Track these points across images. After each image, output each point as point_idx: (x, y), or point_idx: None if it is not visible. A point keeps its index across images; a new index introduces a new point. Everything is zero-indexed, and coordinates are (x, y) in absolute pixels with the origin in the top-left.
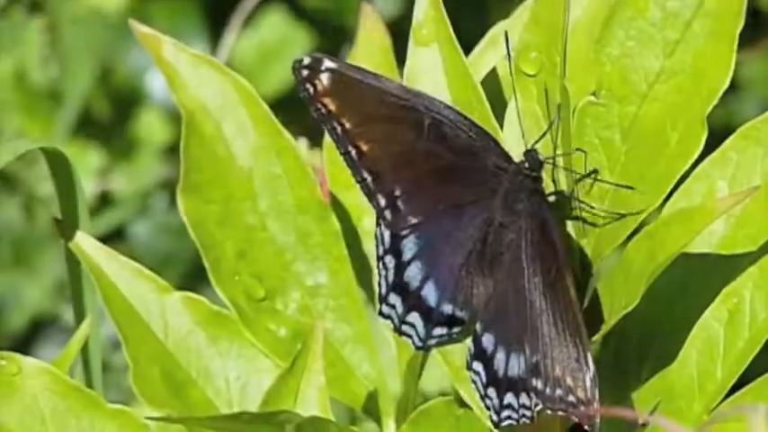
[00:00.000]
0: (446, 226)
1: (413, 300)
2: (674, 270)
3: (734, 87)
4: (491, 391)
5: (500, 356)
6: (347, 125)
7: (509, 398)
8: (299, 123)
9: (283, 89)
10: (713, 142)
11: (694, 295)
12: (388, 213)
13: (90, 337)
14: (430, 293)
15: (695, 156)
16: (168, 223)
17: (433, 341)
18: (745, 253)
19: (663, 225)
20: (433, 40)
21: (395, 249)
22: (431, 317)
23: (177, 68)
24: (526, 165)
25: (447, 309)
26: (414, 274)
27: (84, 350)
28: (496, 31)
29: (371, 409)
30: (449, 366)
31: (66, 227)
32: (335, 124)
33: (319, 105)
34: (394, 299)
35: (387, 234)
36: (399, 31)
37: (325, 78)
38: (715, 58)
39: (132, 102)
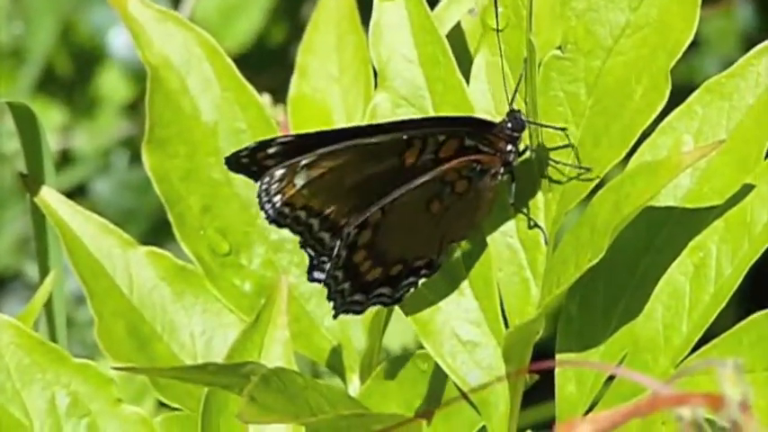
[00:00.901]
0: None
1: None
2: (639, 224)
3: (695, 44)
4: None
5: None
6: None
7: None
8: (262, 79)
9: (246, 46)
10: (676, 98)
11: (660, 249)
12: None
13: (54, 292)
14: None
15: (659, 109)
16: (129, 180)
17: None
18: (710, 207)
19: (628, 178)
20: None
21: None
22: None
23: (143, 24)
24: (509, 125)
25: None
26: None
27: (49, 305)
28: None
29: (336, 364)
30: (414, 321)
31: (32, 182)
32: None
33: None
34: None
35: None
36: None
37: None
38: (680, 11)
39: (94, 59)
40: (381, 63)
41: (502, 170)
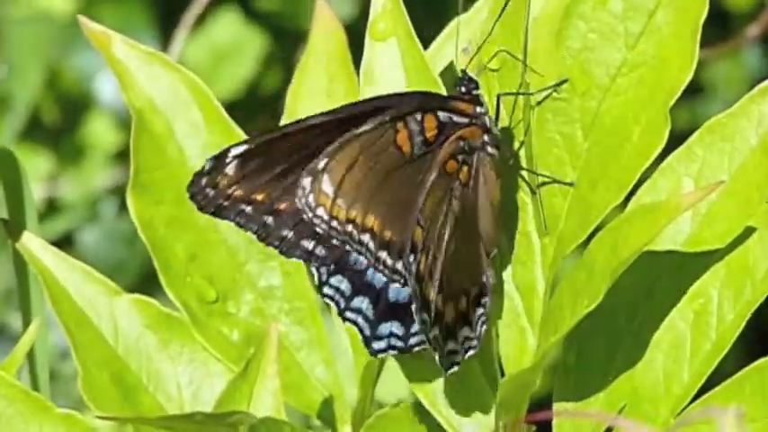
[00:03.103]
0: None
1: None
2: (639, 269)
3: (701, 88)
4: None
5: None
6: (259, 197)
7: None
8: (255, 126)
9: (236, 91)
10: (680, 143)
11: (660, 295)
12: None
13: (37, 343)
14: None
15: (658, 150)
16: (117, 230)
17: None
18: (711, 251)
19: (626, 221)
20: (390, 34)
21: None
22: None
23: (128, 66)
24: (463, 88)
25: None
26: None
27: (32, 357)
28: (454, 25)
29: (327, 415)
30: (408, 371)
31: (15, 228)
32: (243, 206)
33: (222, 201)
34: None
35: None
36: (353, 32)
37: (231, 169)
38: (678, 49)
39: (81, 106)
40: None
41: (487, 139)
